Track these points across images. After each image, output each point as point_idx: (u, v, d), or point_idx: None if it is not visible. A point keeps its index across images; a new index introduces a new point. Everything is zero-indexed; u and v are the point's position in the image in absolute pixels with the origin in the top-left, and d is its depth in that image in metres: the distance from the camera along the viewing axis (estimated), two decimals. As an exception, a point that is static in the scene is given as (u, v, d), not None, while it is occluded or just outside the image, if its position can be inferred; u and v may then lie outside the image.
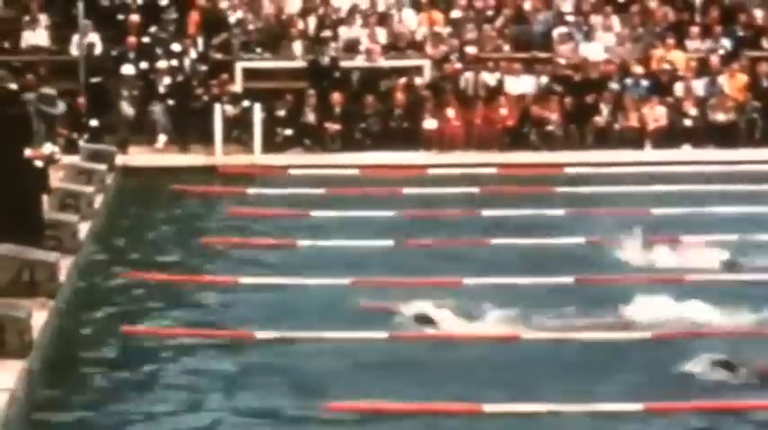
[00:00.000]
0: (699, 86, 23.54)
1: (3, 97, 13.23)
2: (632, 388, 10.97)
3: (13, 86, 13.83)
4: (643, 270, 14.88)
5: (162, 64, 23.23)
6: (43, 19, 23.91)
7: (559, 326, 12.56)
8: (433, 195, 19.50)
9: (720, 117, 23.06)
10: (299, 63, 23.84)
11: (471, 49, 23.97)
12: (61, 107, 19.14)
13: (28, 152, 13.04)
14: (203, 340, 12.44)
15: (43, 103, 15.37)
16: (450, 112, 22.83)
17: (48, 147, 13.42)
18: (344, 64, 23.73)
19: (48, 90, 17.37)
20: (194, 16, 24.17)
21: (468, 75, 23.56)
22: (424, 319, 12.60)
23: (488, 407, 10.60)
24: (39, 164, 13.24)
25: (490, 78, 23.57)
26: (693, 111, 23.07)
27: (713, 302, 12.90)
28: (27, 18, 23.74)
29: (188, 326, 12.73)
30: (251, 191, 20.05)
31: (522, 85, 23.54)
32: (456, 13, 24.89)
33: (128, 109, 22.76)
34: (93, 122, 21.95)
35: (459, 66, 23.64)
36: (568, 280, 14.32)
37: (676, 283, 13.94)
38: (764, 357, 11.30)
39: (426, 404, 10.66)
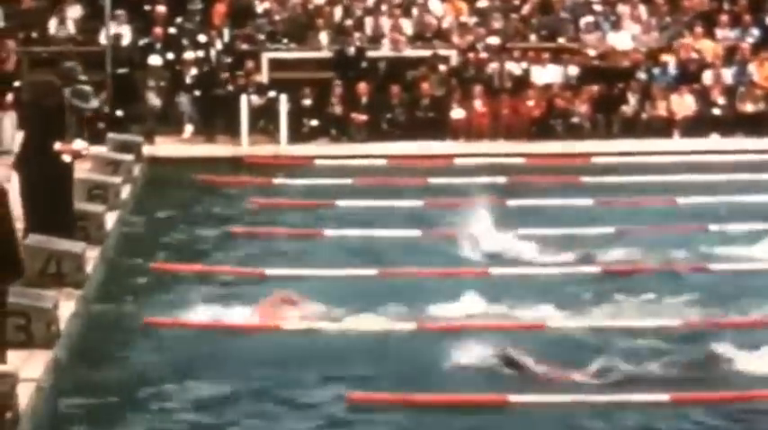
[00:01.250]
0: (727, 75, 23.40)
1: (43, 88, 13.28)
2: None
3: (54, 79, 13.88)
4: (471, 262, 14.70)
5: (188, 55, 23.26)
6: (70, 10, 23.98)
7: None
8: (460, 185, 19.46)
9: (749, 106, 22.92)
10: (325, 53, 23.83)
11: (497, 39, 23.90)
12: (94, 103, 19.23)
13: (58, 145, 13.08)
14: (228, 330, 12.45)
15: (77, 97, 15.41)
16: (477, 102, 22.77)
17: (78, 143, 13.45)
18: (371, 54, 23.70)
19: (83, 85, 17.43)
20: (220, 7, 24.18)
21: (495, 64, 23.50)
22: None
23: (514, 398, 10.57)
24: (67, 158, 13.27)
25: (516, 68, 23.49)
26: (722, 100, 22.94)
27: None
28: (55, 9, 23.82)
29: (213, 318, 12.73)
30: (277, 181, 20.05)
31: (548, 74, 23.46)
32: (482, 3, 24.82)
33: (154, 99, 22.80)
34: (119, 113, 21.97)
35: (484, 55, 23.57)
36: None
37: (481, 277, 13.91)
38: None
39: (446, 395, 10.63)
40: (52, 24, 23.79)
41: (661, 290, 13.47)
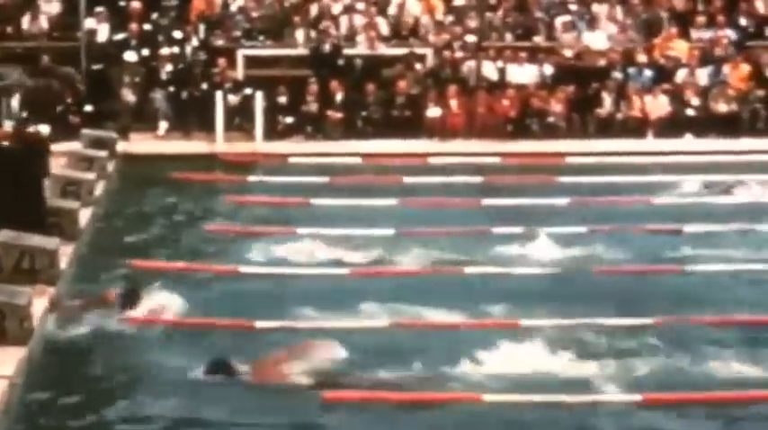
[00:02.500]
0: (702, 76, 23.49)
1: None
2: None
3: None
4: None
5: (164, 51, 23.20)
6: (45, 6, 23.88)
7: None
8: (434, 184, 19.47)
9: (723, 107, 23.01)
10: (301, 51, 23.80)
11: (473, 38, 23.93)
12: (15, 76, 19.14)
13: None
14: (203, 328, 12.42)
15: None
16: (453, 101, 22.79)
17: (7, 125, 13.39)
18: (346, 52, 23.68)
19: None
20: (196, 3, 24.12)
21: (471, 63, 23.52)
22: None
23: (488, 397, 10.58)
24: None
25: (492, 67, 23.52)
26: (696, 101, 23.02)
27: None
28: (29, 5, 23.72)
29: (188, 315, 12.70)
30: (252, 179, 20.02)
31: (524, 74, 23.49)
32: (458, 1, 24.83)
33: (129, 96, 22.72)
34: (88, 108, 21.87)
35: (460, 54, 23.58)
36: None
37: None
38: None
39: (424, 393, 10.64)
40: (25, 20, 23.68)
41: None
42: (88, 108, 22.00)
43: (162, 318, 12.52)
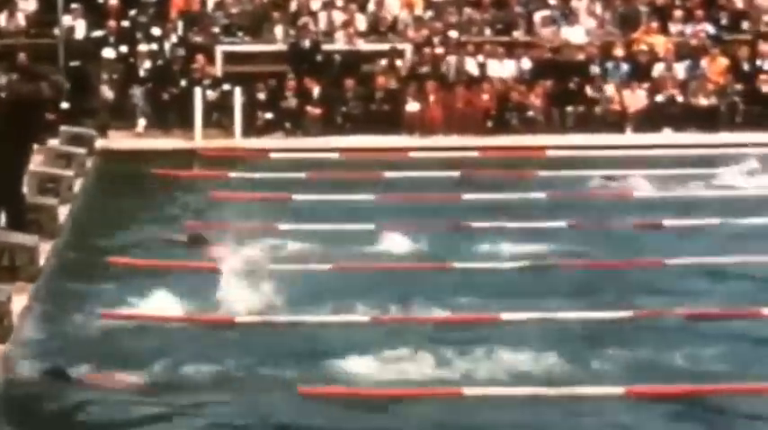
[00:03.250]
0: (680, 70, 23.56)
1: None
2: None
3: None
4: None
5: (142, 48, 23.14)
6: (23, 2, 23.79)
7: None
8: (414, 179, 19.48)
9: (701, 100, 23.08)
10: (280, 46, 23.77)
11: (455, 33, 23.94)
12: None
13: None
14: (183, 324, 12.40)
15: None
16: (432, 96, 22.79)
17: None
18: (325, 47, 23.67)
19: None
20: (175, 0, 24.07)
21: (450, 59, 23.53)
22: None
23: (469, 391, 10.59)
24: None
25: (472, 62, 23.54)
26: (674, 95, 23.07)
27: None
28: (5, 2, 23.65)
29: (168, 312, 12.67)
30: (232, 175, 19.99)
31: (503, 68, 23.52)
32: (438, -3, 24.86)
33: (108, 92, 22.67)
34: (65, 105, 21.79)
35: (440, 50, 23.59)
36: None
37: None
38: None
39: (404, 389, 10.64)
40: (2, 17, 23.58)
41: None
42: (65, 105, 21.91)
43: (138, 314, 12.50)
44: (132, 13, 23.73)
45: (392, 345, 11.54)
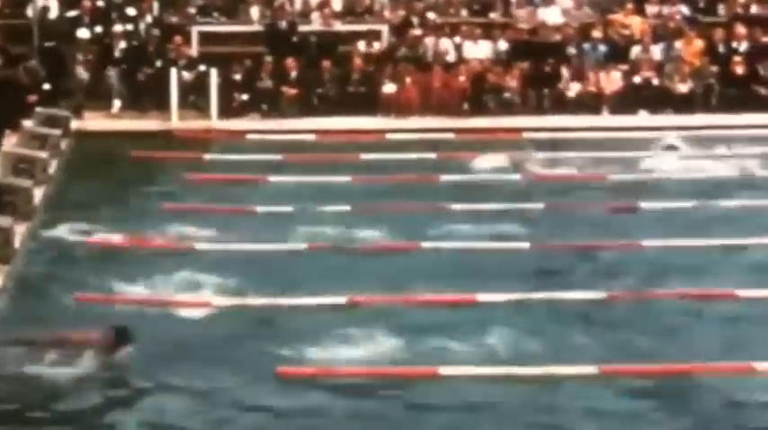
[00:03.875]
0: (656, 51, 23.57)
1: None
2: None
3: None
4: None
5: (117, 28, 23.01)
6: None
7: None
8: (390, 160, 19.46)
9: (677, 82, 23.11)
10: (256, 27, 23.68)
11: (433, 14, 23.89)
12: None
13: None
14: (158, 306, 12.38)
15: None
16: (408, 78, 22.75)
17: None
18: (301, 28, 23.60)
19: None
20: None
21: (427, 40, 23.49)
22: None
23: (444, 370, 10.61)
24: None
25: (448, 43, 23.50)
26: (650, 77, 23.09)
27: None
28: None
29: (143, 293, 12.65)
30: (207, 156, 19.92)
31: (480, 50, 23.49)
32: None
33: (83, 73, 22.53)
34: (46, 87, 21.68)
35: (418, 32, 23.54)
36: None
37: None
38: None
39: (378, 368, 10.65)
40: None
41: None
42: (47, 87, 21.78)
43: (113, 297, 12.47)
44: (107, -7, 23.57)
45: (367, 326, 11.55)
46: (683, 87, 22.95)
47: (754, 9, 24.34)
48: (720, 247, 14.35)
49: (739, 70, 23.01)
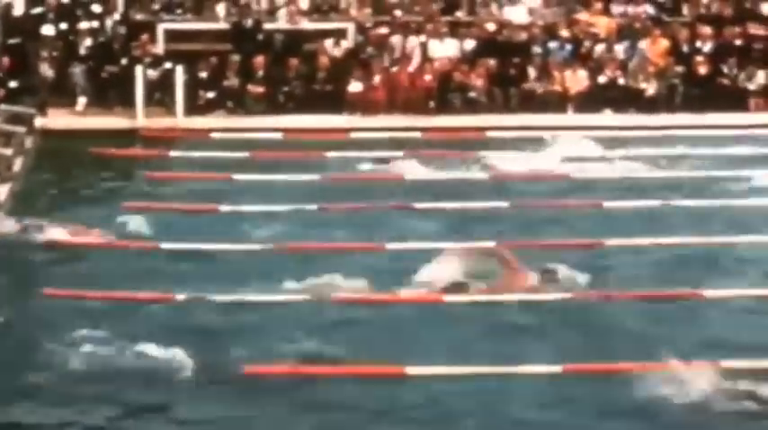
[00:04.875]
0: (620, 51, 23.68)
1: None
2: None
3: None
4: None
5: (83, 25, 22.92)
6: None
7: None
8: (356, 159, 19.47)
9: (641, 82, 23.23)
10: (222, 25, 23.65)
11: (399, 12, 23.91)
12: None
13: None
14: (124, 304, 12.37)
15: None
16: (375, 76, 22.78)
17: None
18: (268, 26, 23.58)
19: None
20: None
21: (394, 38, 23.51)
22: None
23: (411, 370, 10.64)
24: None
25: (415, 42, 23.53)
26: (616, 76, 23.19)
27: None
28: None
29: (109, 291, 12.63)
30: (173, 154, 19.88)
31: (446, 48, 23.53)
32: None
33: (47, 70, 22.43)
34: (13, 84, 21.60)
35: (384, 30, 23.56)
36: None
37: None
38: None
39: (346, 367, 10.67)
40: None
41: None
42: (13, 84, 21.70)
43: (81, 293, 12.45)
44: (73, -11, 23.47)
45: (334, 325, 11.57)
46: (646, 86, 23.07)
47: (715, 8, 24.48)
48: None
49: (703, 70, 23.15)
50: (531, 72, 23.13)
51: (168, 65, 22.40)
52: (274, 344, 11.18)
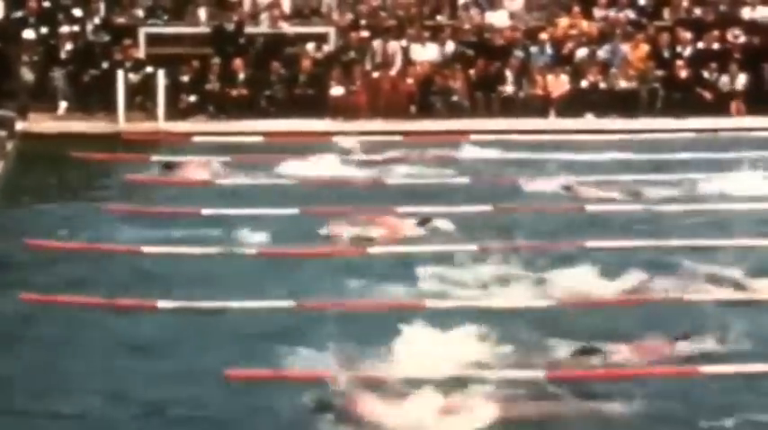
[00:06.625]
0: (602, 55, 23.73)
1: None
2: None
3: None
4: None
5: (64, 29, 22.88)
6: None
7: None
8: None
9: (623, 85, 23.29)
10: (204, 29, 23.63)
11: (383, 15, 23.95)
12: None
13: None
14: (104, 308, 12.33)
15: None
16: (356, 80, 22.79)
17: None
18: (249, 30, 23.57)
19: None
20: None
21: (375, 42, 23.54)
22: None
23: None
24: None
25: (396, 46, 23.55)
26: (597, 80, 23.24)
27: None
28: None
29: (88, 295, 12.59)
30: (154, 158, 19.85)
31: (427, 52, 23.56)
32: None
33: (28, 74, 22.38)
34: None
35: (365, 34, 23.58)
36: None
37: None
38: None
39: (320, 371, 10.64)
40: None
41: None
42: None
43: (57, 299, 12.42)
44: (54, -7, 23.43)
45: (317, 331, 11.56)
46: (624, 85, 23.10)
47: (697, 12, 24.57)
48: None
49: (683, 74, 23.23)
50: (510, 76, 23.13)
51: (149, 69, 22.38)
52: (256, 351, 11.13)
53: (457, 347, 11.06)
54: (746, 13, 24.59)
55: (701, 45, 23.67)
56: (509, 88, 23.04)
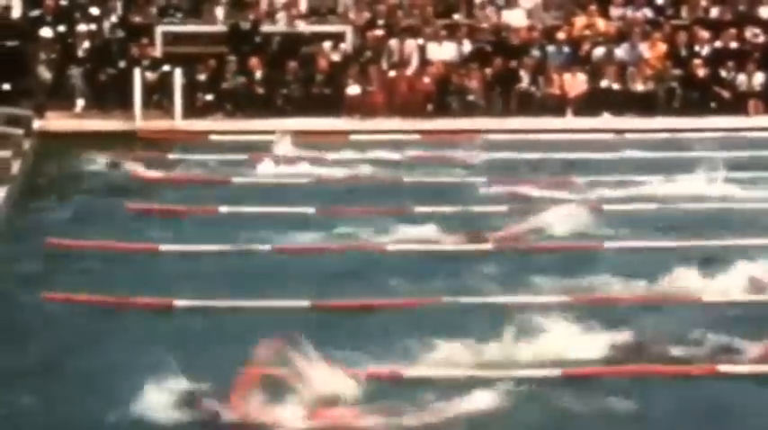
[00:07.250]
0: (619, 54, 23.70)
1: None
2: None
3: None
4: None
5: (81, 28, 22.92)
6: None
7: None
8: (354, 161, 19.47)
9: (640, 85, 23.25)
10: (220, 27, 23.66)
11: (399, 15, 23.96)
12: None
13: None
14: (124, 307, 12.34)
15: None
16: (373, 79, 22.78)
17: None
18: (266, 29, 23.59)
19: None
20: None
21: (392, 42, 23.54)
22: None
23: (408, 372, 10.62)
24: None
25: (413, 45, 23.55)
26: (613, 79, 23.21)
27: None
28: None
29: (107, 294, 12.61)
30: (171, 156, 19.87)
31: (444, 51, 23.55)
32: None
33: (45, 73, 22.43)
34: (8, 86, 21.59)
35: (381, 33, 23.58)
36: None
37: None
38: None
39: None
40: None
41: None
42: (6, 86, 21.71)
43: (80, 298, 12.43)
44: (70, -9, 23.49)
45: (330, 330, 11.55)
46: (641, 87, 23.06)
47: (715, 11, 24.52)
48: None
49: (701, 73, 23.18)
50: (527, 76, 23.09)
51: (166, 67, 22.41)
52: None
53: None
54: (764, 12, 24.54)
55: (718, 44, 23.63)
56: (524, 87, 22.99)
